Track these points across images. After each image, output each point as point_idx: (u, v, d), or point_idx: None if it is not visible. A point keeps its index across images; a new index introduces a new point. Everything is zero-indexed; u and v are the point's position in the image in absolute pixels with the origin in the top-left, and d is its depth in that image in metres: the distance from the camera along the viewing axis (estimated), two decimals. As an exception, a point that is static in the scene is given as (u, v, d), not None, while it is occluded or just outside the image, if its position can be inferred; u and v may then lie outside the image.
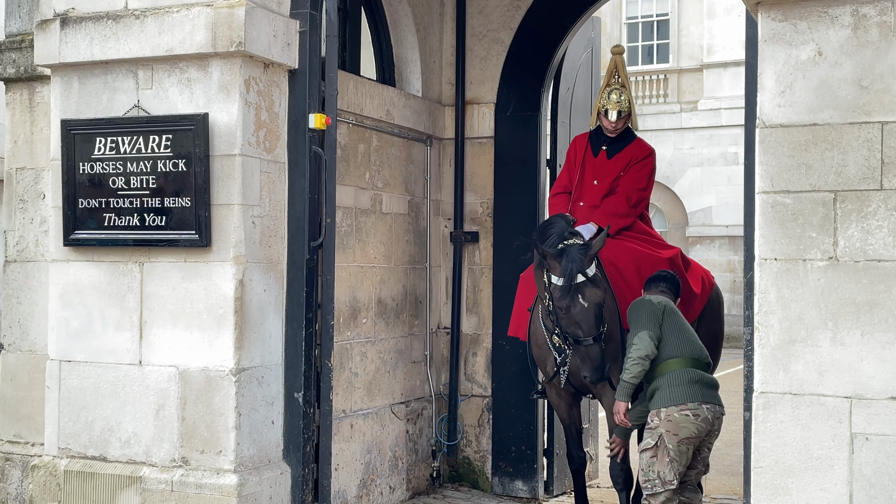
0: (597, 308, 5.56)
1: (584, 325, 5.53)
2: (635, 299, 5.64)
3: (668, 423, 5.20)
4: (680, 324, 5.46)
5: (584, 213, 6.26)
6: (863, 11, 3.89)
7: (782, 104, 3.98)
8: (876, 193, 3.85)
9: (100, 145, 5.26)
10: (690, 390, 5.23)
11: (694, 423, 5.20)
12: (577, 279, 5.51)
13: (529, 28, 7.50)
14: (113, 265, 5.33)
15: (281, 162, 5.35)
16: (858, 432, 3.84)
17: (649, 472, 5.23)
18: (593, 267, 5.61)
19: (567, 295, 5.52)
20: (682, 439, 5.20)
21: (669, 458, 5.18)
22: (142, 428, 5.24)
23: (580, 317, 5.52)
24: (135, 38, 5.19)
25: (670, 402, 5.21)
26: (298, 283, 5.35)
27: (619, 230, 6.28)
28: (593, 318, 5.52)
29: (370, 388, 6.86)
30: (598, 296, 5.57)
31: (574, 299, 5.51)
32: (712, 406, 5.27)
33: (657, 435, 5.22)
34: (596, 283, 5.59)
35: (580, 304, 5.51)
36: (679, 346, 5.32)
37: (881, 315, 3.82)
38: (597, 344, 5.52)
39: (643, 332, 5.27)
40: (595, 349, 5.51)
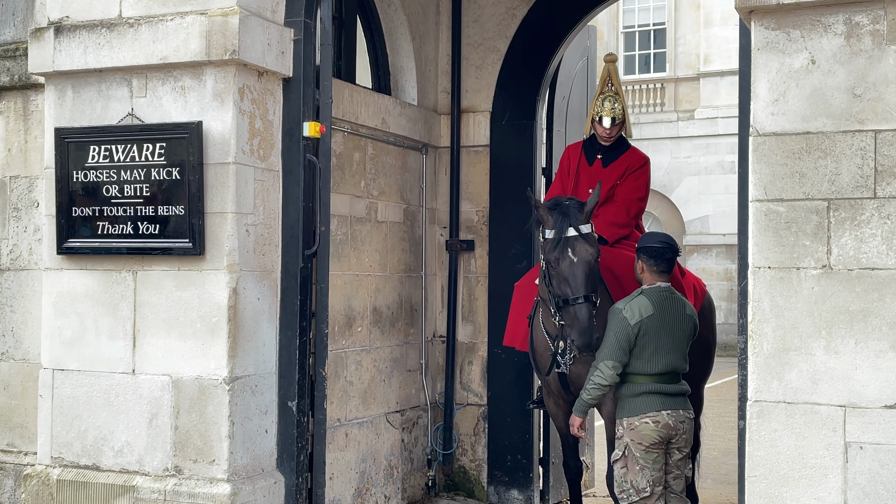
0: (587, 266, 5.41)
1: (573, 282, 5.39)
2: (617, 302, 5.44)
3: (631, 432, 5.26)
4: (655, 339, 5.27)
5: None
6: (856, 20, 3.90)
7: (776, 112, 3.98)
8: (869, 202, 3.85)
9: (94, 153, 5.25)
10: (648, 400, 5.27)
11: (655, 429, 5.23)
12: (568, 232, 5.44)
13: (525, 37, 7.50)
14: (106, 273, 5.31)
15: (275, 170, 5.34)
16: (853, 441, 3.84)
17: (623, 483, 5.27)
18: (589, 226, 5.52)
19: (557, 247, 5.44)
20: (648, 447, 5.24)
21: (640, 467, 5.23)
22: (135, 437, 5.22)
23: (568, 272, 5.40)
24: (129, 47, 5.19)
25: (630, 413, 5.27)
26: (292, 291, 5.34)
27: (617, 239, 6.27)
28: (583, 276, 5.38)
29: (365, 397, 6.84)
30: (590, 253, 5.43)
31: (563, 252, 5.41)
32: (673, 412, 5.28)
33: (623, 445, 5.28)
34: (589, 240, 5.47)
35: (569, 259, 5.40)
36: (646, 364, 5.27)
37: (875, 323, 3.82)
38: (586, 304, 5.35)
39: (609, 362, 5.22)
40: (583, 309, 5.34)
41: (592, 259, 5.47)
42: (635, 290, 5.44)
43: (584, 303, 5.36)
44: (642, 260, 5.40)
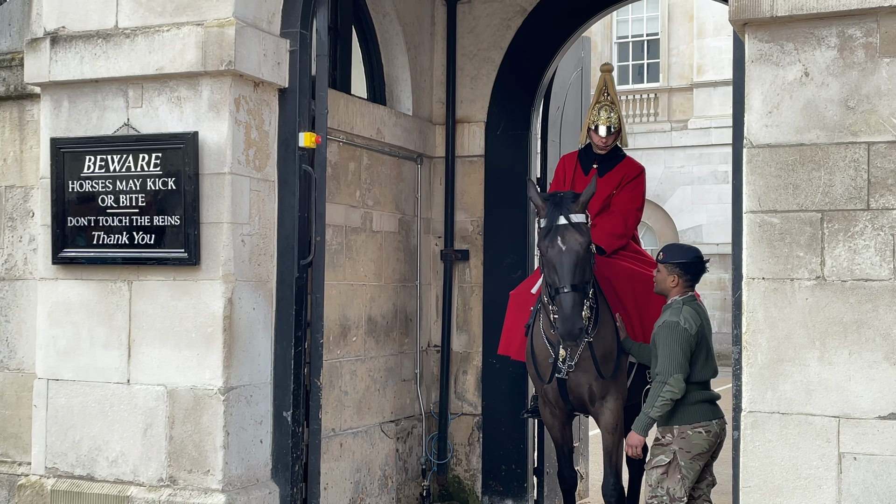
0: (575, 255, 5.42)
1: (560, 270, 5.41)
2: (671, 319, 5.25)
3: (682, 441, 5.21)
4: (705, 346, 5.36)
5: None
6: (849, 33, 3.92)
7: (769, 124, 4.01)
8: (863, 213, 3.87)
9: (89, 163, 5.26)
10: (702, 409, 5.27)
11: (707, 439, 5.24)
12: (559, 221, 5.47)
13: (519, 48, 7.53)
14: (102, 283, 5.31)
15: (271, 180, 5.35)
16: (846, 452, 3.85)
17: (658, 489, 5.22)
18: (582, 217, 5.53)
19: (547, 236, 5.48)
20: (695, 456, 5.23)
21: (681, 476, 5.20)
22: (129, 447, 5.21)
23: (556, 259, 5.42)
24: (125, 57, 5.20)
25: (683, 422, 5.23)
26: (288, 301, 5.35)
27: (615, 250, 6.28)
28: (570, 264, 5.40)
29: (360, 407, 6.84)
30: (580, 243, 5.44)
31: (553, 241, 5.45)
32: (721, 420, 5.32)
33: (672, 452, 5.22)
34: (580, 230, 5.47)
35: (558, 247, 5.43)
36: (700, 372, 5.29)
37: (868, 335, 3.84)
38: (572, 293, 5.35)
39: (679, 375, 5.14)
40: (568, 298, 5.34)
41: (581, 248, 5.46)
42: (672, 301, 5.38)
43: (570, 292, 5.36)
44: (676, 273, 5.38)
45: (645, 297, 6.02)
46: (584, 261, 5.48)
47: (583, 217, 5.54)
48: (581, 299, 5.41)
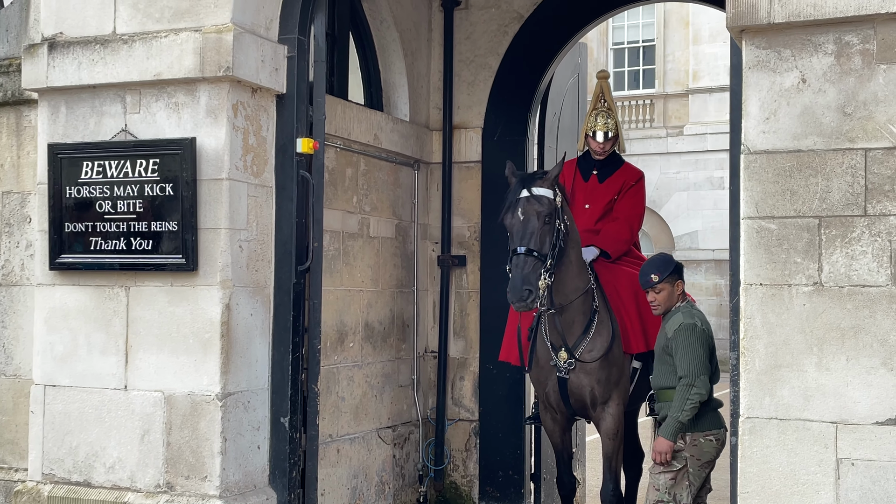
0: (531, 221, 5.43)
1: (515, 234, 5.45)
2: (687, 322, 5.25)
3: (694, 448, 5.20)
4: (713, 352, 5.36)
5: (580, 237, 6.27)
6: (846, 39, 3.94)
7: (767, 131, 4.02)
8: (860, 219, 3.88)
9: (87, 169, 5.26)
10: (713, 417, 5.27)
11: (716, 447, 5.25)
12: (520, 194, 5.51)
13: (516, 54, 7.55)
14: (99, 289, 5.31)
15: (268, 186, 5.35)
16: (844, 457, 3.86)
17: (664, 494, 5.19)
18: (547, 191, 5.54)
19: (509, 208, 5.54)
20: (704, 463, 5.24)
21: (689, 482, 5.20)
22: (127, 453, 5.20)
23: (511, 224, 5.48)
24: (123, 63, 5.20)
25: (696, 429, 5.21)
26: (285, 307, 5.34)
27: (619, 255, 6.30)
28: (525, 229, 5.43)
29: (357, 413, 6.83)
30: (538, 211, 5.46)
31: (514, 211, 5.50)
32: (725, 429, 5.30)
33: (683, 459, 5.19)
34: (540, 200, 5.49)
35: (517, 216, 5.48)
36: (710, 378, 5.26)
37: (866, 340, 3.85)
38: (524, 256, 5.36)
39: (704, 377, 5.13)
40: (519, 259, 5.36)
41: (538, 216, 5.46)
42: (682, 306, 5.36)
43: (522, 255, 5.37)
44: (679, 281, 5.41)
45: (647, 303, 6.02)
46: (543, 230, 5.47)
47: (548, 192, 5.55)
48: (535, 265, 5.39)
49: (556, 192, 5.59)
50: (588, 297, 5.83)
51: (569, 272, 5.71)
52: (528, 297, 5.31)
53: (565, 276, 5.70)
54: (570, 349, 5.78)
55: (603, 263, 6.16)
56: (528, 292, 5.30)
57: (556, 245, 5.53)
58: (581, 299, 5.79)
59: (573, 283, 5.74)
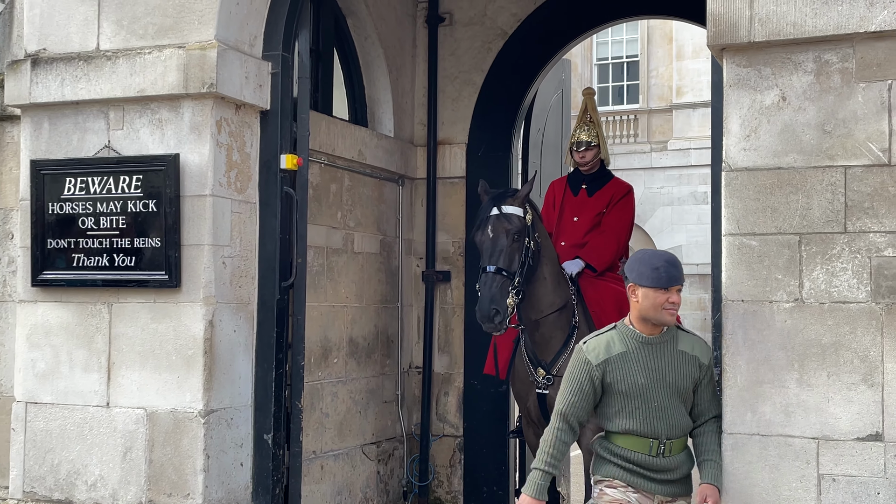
0: (499, 239, 5.44)
1: (486, 253, 5.47)
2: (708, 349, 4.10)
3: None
4: None
5: (566, 250, 6.29)
6: (825, 58, 3.98)
7: (747, 148, 4.05)
8: (840, 236, 3.91)
9: (69, 185, 5.24)
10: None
11: None
12: (490, 212, 5.54)
13: (500, 70, 7.59)
14: (81, 306, 5.28)
15: (252, 202, 5.35)
16: (826, 473, 3.87)
17: None
18: (516, 209, 5.55)
19: (479, 226, 5.58)
20: None
21: None
22: (109, 471, 5.17)
23: (480, 242, 5.51)
24: (106, 79, 5.20)
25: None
26: (269, 323, 5.33)
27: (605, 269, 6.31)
28: (493, 247, 5.44)
29: (341, 429, 6.82)
30: (506, 229, 5.47)
31: (483, 230, 5.53)
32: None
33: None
34: (509, 219, 5.50)
35: (486, 234, 5.50)
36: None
37: (846, 357, 3.87)
38: (490, 275, 5.38)
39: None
40: (486, 278, 5.38)
41: (507, 234, 5.48)
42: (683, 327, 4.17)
43: (490, 273, 5.39)
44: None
45: None
46: (512, 248, 5.48)
47: (517, 209, 5.57)
48: (503, 284, 5.40)
49: (526, 210, 5.61)
50: (567, 313, 5.84)
51: (543, 288, 5.73)
52: (495, 316, 5.33)
53: (539, 291, 5.71)
54: (548, 365, 5.78)
55: (588, 278, 6.17)
56: (496, 312, 5.33)
57: (525, 263, 5.54)
58: (558, 314, 5.79)
59: (548, 298, 5.75)
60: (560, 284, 5.86)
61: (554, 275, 5.84)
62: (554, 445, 4.09)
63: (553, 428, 4.11)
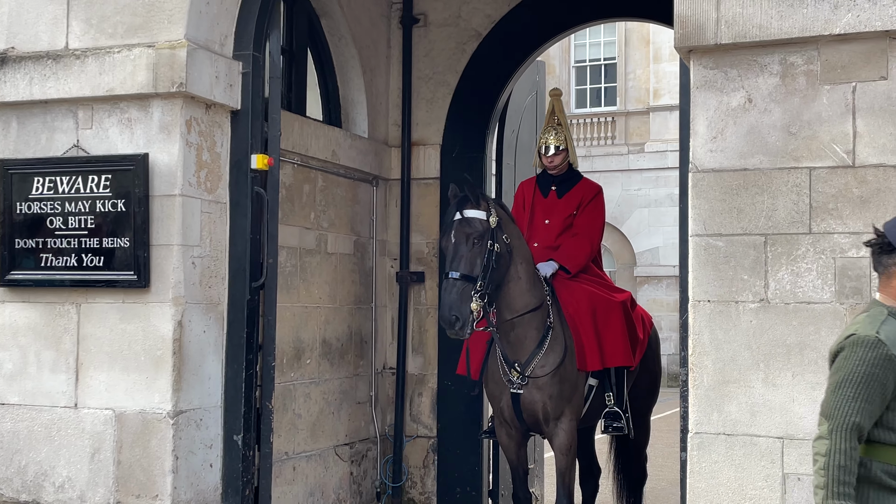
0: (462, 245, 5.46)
1: (448, 259, 5.50)
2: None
3: None
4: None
5: (539, 253, 6.31)
6: (790, 60, 4.01)
7: (714, 149, 4.07)
8: (805, 237, 3.94)
9: (38, 185, 5.21)
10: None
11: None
12: (454, 217, 5.57)
13: (475, 72, 7.59)
14: (49, 306, 5.25)
15: (222, 202, 5.33)
16: (790, 472, 3.90)
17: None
18: (480, 213, 5.56)
19: (444, 232, 5.62)
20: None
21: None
22: (76, 472, 5.14)
23: (445, 248, 5.54)
24: (75, 78, 5.16)
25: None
26: (239, 324, 5.31)
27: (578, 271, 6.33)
28: (457, 253, 5.47)
29: (314, 430, 6.80)
30: (468, 234, 5.48)
31: (448, 234, 5.56)
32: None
33: None
34: (472, 223, 5.52)
35: (449, 240, 5.53)
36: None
37: (811, 356, 3.90)
38: (454, 281, 5.39)
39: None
40: (448, 284, 5.40)
41: (467, 238, 5.49)
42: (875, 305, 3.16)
43: (451, 278, 5.41)
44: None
45: (605, 321, 6.05)
46: (473, 252, 5.50)
47: (480, 213, 5.59)
48: (464, 289, 5.42)
49: (490, 212, 5.62)
50: (542, 313, 5.85)
51: (517, 288, 5.74)
52: (455, 322, 5.36)
53: (514, 291, 5.73)
54: (523, 365, 5.80)
55: (562, 279, 6.19)
56: (455, 318, 5.35)
57: (489, 266, 5.55)
58: (533, 315, 5.81)
59: (523, 298, 5.77)
60: (535, 284, 5.88)
61: (529, 274, 5.86)
62: (851, 472, 3.02)
63: (844, 450, 3.03)
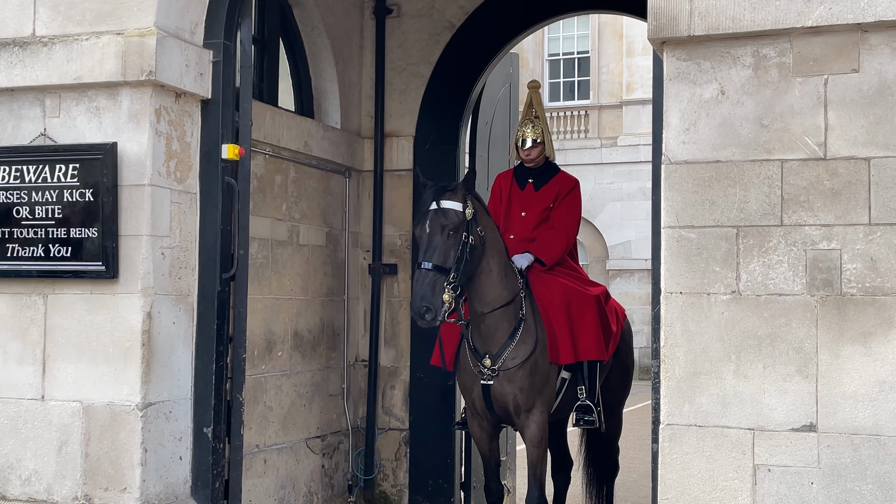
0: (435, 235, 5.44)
1: (422, 249, 5.48)
2: None
3: None
4: None
5: (516, 245, 6.31)
6: (763, 52, 4.02)
7: (686, 141, 4.08)
8: (776, 229, 3.96)
9: (3, 174, 5.12)
10: None
11: None
12: (430, 206, 5.54)
13: (448, 63, 7.57)
14: (15, 297, 5.17)
15: (192, 192, 5.27)
16: (761, 464, 3.92)
17: None
18: (455, 203, 5.54)
19: (418, 222, 5.59)
20: None
21: None
22: (43, 465, 5.07)
23: (420, 239, 5.51)
24: (42, 66, 5.08)
25: None
26: (209, 315, 5.26)
27: (554, 264, 6.33)
28: (429, 243, 5.44)
29: (285, 423, 6.76)
30: (443, 225, 5.46)
31: (422, 225, 5.53)
32: None
33: None
34: (447, 214, 5.49)
35: (424, 229, 5.50)
36: None
37: (782, 348, 3.92)
38: (425, 271, 5.36)
39: None
40: (420, 274, 5.37)
41: (442, 228, 5.47)
42: None
43: (423, 269, 5.38)
44: None
45: (579, 315, 6.06)
46: (447, 244, 5.47)
47: (455, 204, 5.56)
48: (436, 280, 5.38)
49: (465, 204, 5.59)
50: (515, 306, 5.85)
51: (489, 280, 5.73)
52: (426, 313, 5.33)
53: (485, 284, 5.72)
54: (493, 356, 5.79)
55: (537, 272, 6.18)
56: (426, 309, 5.32)
57: (462, 258, 5.53)
58: (505, 308, 5.80)
59: (494, 291, 5.76)
60: (508, 277, 5.87)
61: (501, 266, 5.84)
62: None
63: None
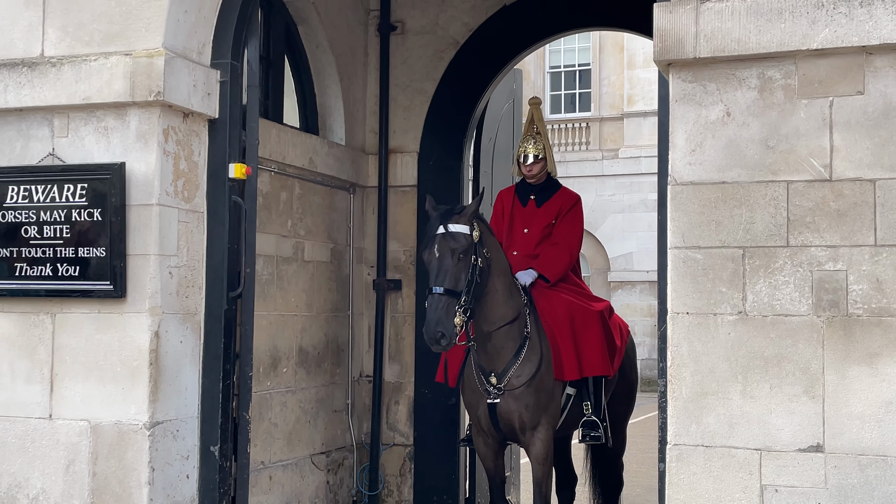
0: (446, 260, 5.48)
1: (433, 274, 5.51)
2: None
3: None
4: None
5: (519, 261, 6.33)
6: (768, 74, 4.04)
7: (693, 162, 4.10)
8: (782, 250, 3.98)
9: (12, 194, 5.15)
10: None
11: None
12: (437, 230, 5.57)
13: (452, 79, 7.60)
14: (24, 316, 5.19)
15: (200, 211, 5.29)
16: (768, 484, 3.93)
17: None
18: (463, 227, 5.57)
19: (427, 245, 5.61)
20: None
21: None
22: (51, 484, 5.08)
23: (428, 263, 5.54)
24: (51, 86, 5.11)
25: None
26: (216, 333, 5.28)
27: (558, 280, 6.35)
28: (440, 268, 5.48)
29: (290, 439, 6.77)
30: (452, 249, 5.49)
31: (431, 248, 5.56)
32: None
33: None
34: (456, 238, 5.53)
35: (433, 253, 5.53)
36: None
37: (788, 369, 3.93)
38: (438, 296, 5.41)
39: None
40: (433, 300, 5.43)
41: (452, 252, 5.51)
42: None
43: (435, 294, 5.43)
44: None
45: (583, 330, 6.08)
46: (458, 267, 5.52)
47: (463, 227, 5.60)
48: (449, 304, 5.44)
49: (472, 227, 5.63)
50: (519, 323, 5.87)
51: (494, 300, 5.76)
52: (441, 339, 5.39)
53: (491, 304, 5.75)
54: (499, 374, 5.81)
55: (541, 289, 6.20)
56: (441, 335, 5.38)
57: (472, 281, 5.57)
58: (510, 325, 5.82)
59: (500, 310, 5.79)
60: (512, 295, 5.89)
61: (506, 286, 5.87)
62: None
63: None
